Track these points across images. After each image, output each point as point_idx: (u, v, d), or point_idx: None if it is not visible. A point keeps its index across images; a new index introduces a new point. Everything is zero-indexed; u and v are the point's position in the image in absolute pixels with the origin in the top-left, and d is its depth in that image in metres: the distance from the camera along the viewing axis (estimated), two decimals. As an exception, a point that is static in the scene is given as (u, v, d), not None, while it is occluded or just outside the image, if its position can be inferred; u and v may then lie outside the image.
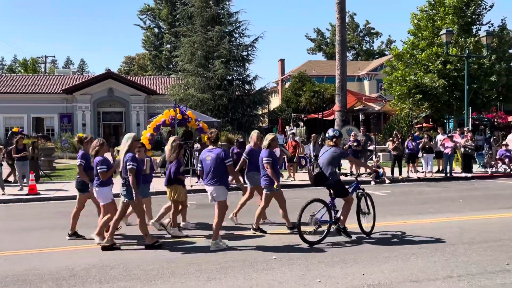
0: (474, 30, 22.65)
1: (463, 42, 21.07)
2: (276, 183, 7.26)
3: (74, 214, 7.33)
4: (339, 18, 24.53)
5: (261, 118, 31.53)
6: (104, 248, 6.49)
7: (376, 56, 57.85)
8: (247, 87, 29.44)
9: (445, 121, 27.00)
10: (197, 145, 14.92)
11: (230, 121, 26.95)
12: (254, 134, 8.29)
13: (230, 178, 7.01)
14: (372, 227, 7.16)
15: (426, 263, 5.71)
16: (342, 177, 8.57)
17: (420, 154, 16.60)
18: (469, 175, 15.87)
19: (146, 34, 59.62)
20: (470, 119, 19.70)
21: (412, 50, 22.89)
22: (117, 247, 6.61)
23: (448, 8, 21.49)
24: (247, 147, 8.50)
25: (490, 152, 17.57)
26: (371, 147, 18.52)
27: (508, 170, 16.48)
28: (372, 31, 63.36)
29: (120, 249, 6.61)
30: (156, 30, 59.45)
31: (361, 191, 7.31)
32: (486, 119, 26.22)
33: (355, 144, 15.69)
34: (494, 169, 16.64)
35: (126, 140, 6.56)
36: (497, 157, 17.09)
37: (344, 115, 25.21)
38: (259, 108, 30.44)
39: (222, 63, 26.93)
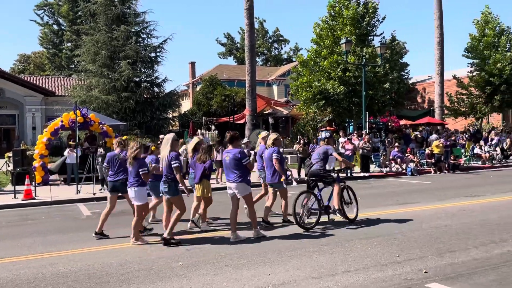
0: (369, 41, 24.59)
1: (360, 51, 22.75)
2: (283, 177, 8.06)
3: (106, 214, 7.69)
4: (248, 24, 25.01)
5: (172, 121, 30.84)
6: (166, 243, 6.90)
7: (284, 62, 60.12)
8: (156, 89, 28.58)
9: (346, 124, 28.90)
10: (100, 150, 14.09)
11: (138, 125, 25.93)
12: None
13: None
14: (356, 215, 8.33)
15: (327, 259, 5.99)
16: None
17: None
18: (366, 174, 17.14)
19: (43, 31, 54.96)
20: (367, 123, 21.32)
21: (315, 57, 24.15)
22: (175, 242, 6.96)
23: (346, 20, 23.07)
24: (261, 146, 8.85)
25: (385, 153, 19.17)
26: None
27: (400, 169, 18.13)
28: (280, 38, 65.71)
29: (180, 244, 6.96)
30: (55, 27, 55.19)
31: (342, 183, 8.41)
32: (381, 123, 28.59)
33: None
34: (388, 169, 18.19)
35: (168, 140, 7.06)
36: (391, 157, 18.72)
37: (254, 119, 25.73)
38: (169, 111, 29.74)
39: (129, 64, 25.82)
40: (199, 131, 25.74)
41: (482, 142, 21.91)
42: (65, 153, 15.56)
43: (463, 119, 28.34)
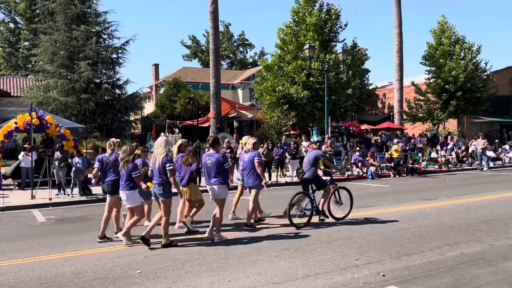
0: (332, 47, 25.04)
1: (323, 57, 23.12)
2: (264, 181, 8.43)
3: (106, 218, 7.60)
4: (212, 27, 24.88)
5: (134, 124, 30.14)
6: (165, 246, 6.98)
7: (250, 66, 60.30)
8: (117, 91, 27.84)
9: (309, 129, 29.27)
10: (57, 154, 13.56)
11: (98, 127, 25.17)
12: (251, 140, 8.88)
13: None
14: (346, 214, 8.91)
15: (288, 264, 6.00)
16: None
17: (287, 160, 17.73)
18: (329, 178, 17.37)
19: (-1, 29, 52.59)
20: (330, 127, 21.68)
21: (279, 62, 24.33)
22: (175, 244, 7.08)
23: (309, 26, 23.39)
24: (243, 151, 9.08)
25: (346, 157, 19.55)
26: (243, 154, 19.08)
27: (361, 173, 18.53)
28: (246, 42, 65.90)
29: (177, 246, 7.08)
30: (11, 25, 52.90)
31: (334, 185, 9.05)
32: (343, 128, 29.17)
33: (228, 151, 15.98)
34: (349, 172, 18.55)
35: (161, 145, 7.13)
36: (352, 161, 19.12)
37: (219, 122, 25.57)
38: (131, 113, 29.06)
39: (89, 65, 25.04)
40: (162, 134, 25.31)
41: (438, 147, 22.77)
42: (20, 156, 14.91)
43: (421, 124, 29.38)
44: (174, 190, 7.27)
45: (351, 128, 28.28)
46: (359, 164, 18.73)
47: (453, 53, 26.79)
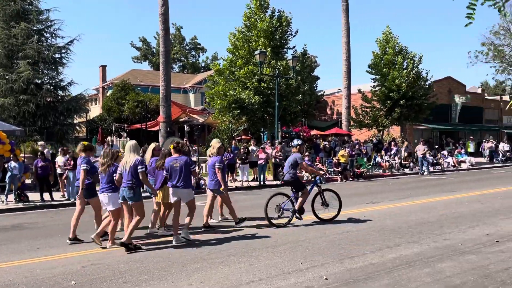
0: (283, 53, 25.41)
1: (274, 63, 23.39)
2: (223, 186, 8.51)
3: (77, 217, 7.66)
4: (163, 29, 24.43)
5: (78, 127, 28.83)
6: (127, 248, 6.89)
7: (202, 70, 59.87)
8: (60, 92, 26.50)
9: (261, 134, 29.44)
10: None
11: (38, 130, 23.81)
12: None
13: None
14: (335, 216, 9.23)
15: (232, 270, 5.90)
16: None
17: (237, 165, 17.68)
18: (279, 182, 17.51)
19: None
20: (281, 132, 21.90)
21: (231, 67, 24.32)
22: (139, 246, 7.11)
23: (260, 31, 23.60)
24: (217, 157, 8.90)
25: (296, 162, 19.75)
26: (194, 158, 18.81)
27: (310, 177, 18.82)
28: (198, 46, 65.39)
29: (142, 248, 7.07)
30: None
31: (318, 188, 9.29)
32: (293, 133, 29.62)
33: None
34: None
35: (132, 148, 7.16)
36: (301, 166, 19.37)
37: (168, 126, 25.06)
38: (76, 116, 27.78)
39: (29, 65, 23.68)
40: (108, 138, 24.41)
41: (383, 152, 23.67)
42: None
43: (367, 130, 30.45)
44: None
45: (301, 133, 28.76)
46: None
47: (397, 62, 28.05)
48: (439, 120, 35.59)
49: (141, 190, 7.50)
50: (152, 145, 8.69)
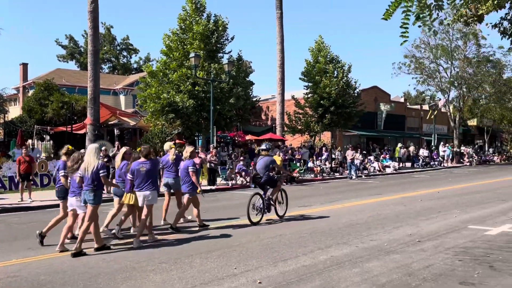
0: (219, 58, 25.33)
1: (208, 66, 23.23)
2: (199, 189, 9.05)
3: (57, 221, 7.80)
4: (92, 27, 23.29)
5: (-6, 129, 26.55)
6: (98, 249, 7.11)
7: (134, 72, 57.97)
8: (-27, 91, 24.28)
9: (195, 138, 29.07)
10: None
11: None
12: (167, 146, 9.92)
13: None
14: (284, 213, 10.39)
15: (164, 278, 5.68)
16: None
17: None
18: (213, 187, 17.38)
19: None
20: (216, 137, 21.76)
21: (165, 69, 23.76)
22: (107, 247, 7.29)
23: (196, 35, 23.35)
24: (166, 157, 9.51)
25: (231, 166, 19.77)
26: (123, 163, 18.05)
27: (245, 182, 18.89)
28: (130, 46, 63.30)
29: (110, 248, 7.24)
30: None
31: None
32: (229, 137, 29.64)
33: (105, 159, 14.94)
34: (234, 182, 18.78)
35: (93, 152, 7.20)
36: (236, 171, 19.40)
37: (96, 129, 23.85)
38: (-8, 117, 25.55)
39: None
40: (29, 141, 22.68)
41: (314, 157, 24.43)
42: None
43: (300, 136, 31.29)
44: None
45: (236, 138, 28.86)
46: (243, 173, 19.09)
47: (328, 71, 29.19)
48: (366, 127, 37.59)
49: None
50: (123, 149, 8.87)
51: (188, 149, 9.33)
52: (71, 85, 38.18)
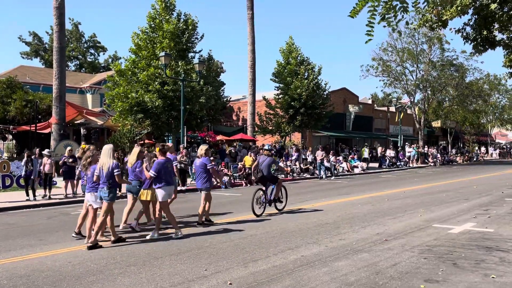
0: (190, 57, 25.07)
1: (176, 66, 22.94)
2: (219, 181, 10.82)
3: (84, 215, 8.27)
4: (57, 24, 22.60)
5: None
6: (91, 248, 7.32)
7: (102, 70, 56.62)
8: None
9: (165, 138, 28.68)
10: None
11: None
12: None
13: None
14: (283, 207, 11.47)
15: (132, 281, 5.57)
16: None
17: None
18: (183, 188, 17.19)
19: None
20: (186, 137, 21.53)
21: (133, 68, 23.32)
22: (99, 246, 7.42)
23: (166, 33, 23.03)
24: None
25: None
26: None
27: (215, 182, 18.76)
28: (98, 44, 61.79)
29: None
30: None
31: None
32: (199, 138, 29.41)
33: (70, 160, 14.53)
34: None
35: (108, 152, 7.72)
36: (206, 171, 19.24)
37: (62, 129, 23.15)
38: None
39: None
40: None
41: (284, 157, 24.60)
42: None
43: (270, 136, 31.44)
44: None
45: (207, 138, 28.67)
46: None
47: (299, 72, 29.46)
48: (335, 128, 38.19)
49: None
50: (136, 149, 9.34)
51: (202, 147, 9.77)
52: (35, 83, 36.90)
